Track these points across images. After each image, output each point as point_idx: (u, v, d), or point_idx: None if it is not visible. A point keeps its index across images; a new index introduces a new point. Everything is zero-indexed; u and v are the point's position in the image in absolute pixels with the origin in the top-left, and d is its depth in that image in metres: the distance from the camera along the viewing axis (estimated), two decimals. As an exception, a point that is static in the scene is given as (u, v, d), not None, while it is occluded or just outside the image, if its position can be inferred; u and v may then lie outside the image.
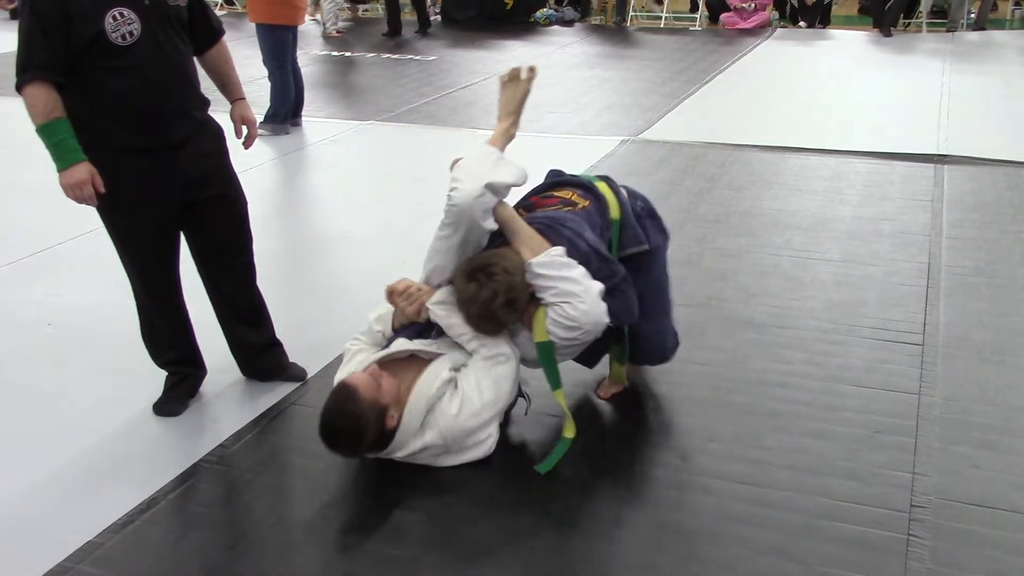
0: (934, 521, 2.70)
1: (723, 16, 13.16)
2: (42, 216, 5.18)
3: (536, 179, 3.23)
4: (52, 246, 4.83)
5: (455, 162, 2.96)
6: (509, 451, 3.07)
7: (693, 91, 8.76)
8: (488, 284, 2.83)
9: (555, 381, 3.03)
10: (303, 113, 7.57)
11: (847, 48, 11.41)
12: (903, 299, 4.17)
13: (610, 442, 3.12)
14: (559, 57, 10.82)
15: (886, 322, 3.94)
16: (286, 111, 7.26)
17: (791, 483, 2.88)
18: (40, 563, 2.54)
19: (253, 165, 6.35)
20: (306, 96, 7.65)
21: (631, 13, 13.47)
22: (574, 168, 3.65)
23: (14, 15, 13.87)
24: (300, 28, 7.39)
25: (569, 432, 3.08)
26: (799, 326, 3.92)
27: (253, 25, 7.09)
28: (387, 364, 2.97)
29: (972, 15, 12.79)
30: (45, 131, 2.79)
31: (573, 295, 2.86)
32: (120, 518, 2.72)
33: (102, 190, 2.86)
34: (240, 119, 3.31)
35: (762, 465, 2.97)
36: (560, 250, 2.91)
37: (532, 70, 3.12)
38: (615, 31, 13.00)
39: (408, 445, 2.88)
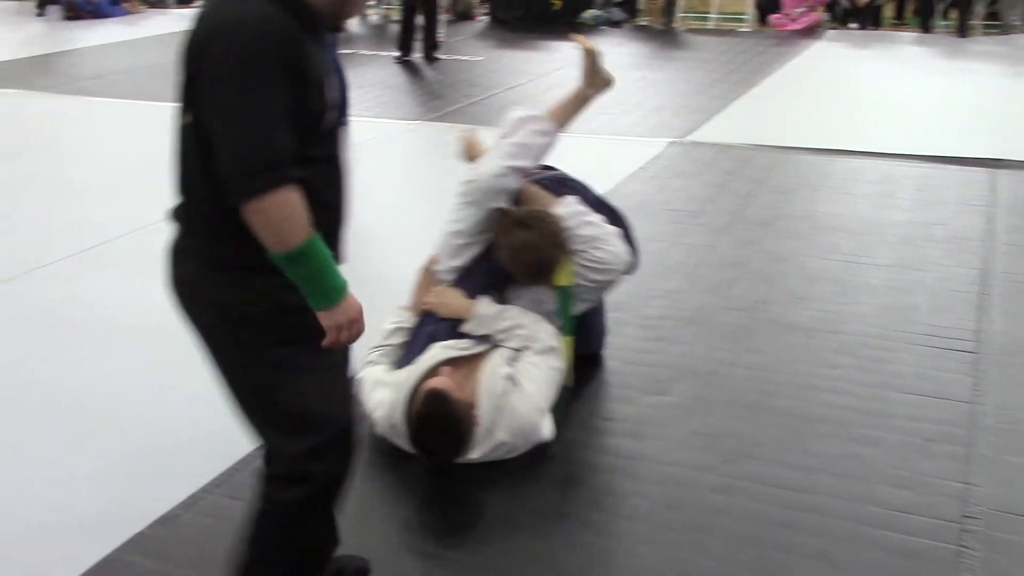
0: (987, 532, 2.64)
1: (772, 17, 13.02)
2: (91, 213, 5.26)
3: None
4: (101, 243, 4.90)
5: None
6: (540, 458, 3.06)
7: (742, 93, 8.68)
8: (539, 225, 3.01)
9: (570, 327, 3.21)
10: (349, 112, 7.60)
11: (899, 50, 11.23)
12: (956, 305, 4.09)
13: (654, 445, 3.10)
14: (607, 58, 10.71)
15: (938, 328, 3.87)
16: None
17: (838, 490, 2.84)
18: (90, 554, 2.58)
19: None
20: (354, 96, 7.67)
21: (679, 14, 13.38)
22: (620, 171, 3.63)
23: (70, 16, 13.27)
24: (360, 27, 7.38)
25: (569, 382, 3.25)
26: (848, 331, 3.86)
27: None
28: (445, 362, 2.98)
29: (1028, 17, 12.54)
30: (308, 254, 1.81)
31: (597, 239, 3.09)
32: (168, 511, 2.75)
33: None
34: None
35: (809, 471, 2.93)
36: (575, 198, 3.18)
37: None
38: (663, 32, 12.92)
39: (482, 444, 2.88)
